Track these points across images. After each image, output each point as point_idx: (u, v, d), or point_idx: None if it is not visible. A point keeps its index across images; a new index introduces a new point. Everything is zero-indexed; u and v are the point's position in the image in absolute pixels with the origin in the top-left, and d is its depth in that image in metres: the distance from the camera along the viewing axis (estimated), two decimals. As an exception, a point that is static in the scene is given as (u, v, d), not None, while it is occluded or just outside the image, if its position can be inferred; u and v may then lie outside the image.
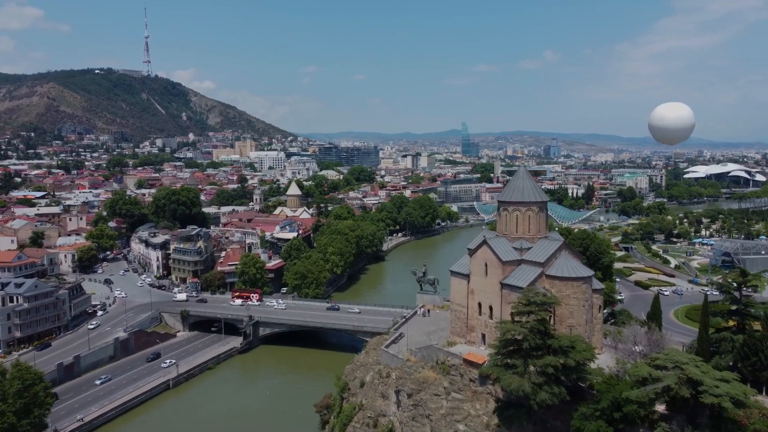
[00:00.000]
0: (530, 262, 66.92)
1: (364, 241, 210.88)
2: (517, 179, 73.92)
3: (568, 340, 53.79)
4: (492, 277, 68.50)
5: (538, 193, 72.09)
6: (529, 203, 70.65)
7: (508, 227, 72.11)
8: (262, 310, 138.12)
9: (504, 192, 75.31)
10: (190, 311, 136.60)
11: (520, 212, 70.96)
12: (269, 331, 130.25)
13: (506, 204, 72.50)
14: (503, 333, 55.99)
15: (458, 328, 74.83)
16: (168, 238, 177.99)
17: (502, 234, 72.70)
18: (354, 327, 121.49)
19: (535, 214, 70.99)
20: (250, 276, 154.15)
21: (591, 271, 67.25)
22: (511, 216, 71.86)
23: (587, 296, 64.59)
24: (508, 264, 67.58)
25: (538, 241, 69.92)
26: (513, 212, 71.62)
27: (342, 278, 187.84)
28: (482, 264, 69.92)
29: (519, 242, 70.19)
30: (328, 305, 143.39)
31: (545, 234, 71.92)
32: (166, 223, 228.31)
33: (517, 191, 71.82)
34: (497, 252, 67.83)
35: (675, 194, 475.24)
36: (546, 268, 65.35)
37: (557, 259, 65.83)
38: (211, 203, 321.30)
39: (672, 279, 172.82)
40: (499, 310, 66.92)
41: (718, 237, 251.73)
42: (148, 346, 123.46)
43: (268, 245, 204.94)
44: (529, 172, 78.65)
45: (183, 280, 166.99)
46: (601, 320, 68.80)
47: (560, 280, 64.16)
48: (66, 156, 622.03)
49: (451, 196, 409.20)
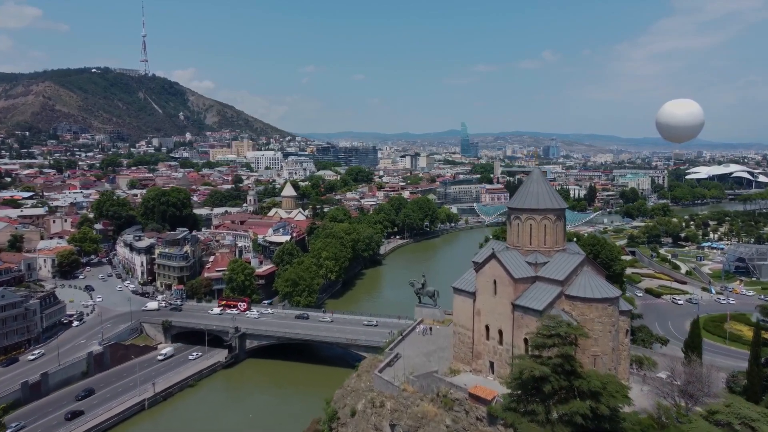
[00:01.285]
0: (547, 280, 58.07)
1: (360, 244, 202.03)
2: (530, 183, 64.69)
3: (598, 379, 44.78)
4: (502, 297, 59.67)
5: (555, 198, 63.09)
6: (544, 211, 61.70)
7: (521, 238, 63.12)
8: (250, 320, 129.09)
9: (515, 197, 66.07)
10: (173, 322, 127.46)
11: (535, 221, 61.98)
12: (256, 344, 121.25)
13: (518, 212, 63.45)
14: (519, 372, 47.01)
15: (462, 353, 65.87)
16: (153, 242, 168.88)
17: (513, 246, 63.77)
18: (347, 340, 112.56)
19: (552, 224, 62.02)
20: (238, 283, 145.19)
21: (618, 291, 58.26)
22: (524, 225, 62.84)
23: (614, 320, 55.74)
24: (521, 282, 58.72)
25: (556, 254, 61.05)
26: (526, 221, 62.56)
27: (337, 284, 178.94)
28: (490, 281, 61.03)
29: (533, 256, 61.30)
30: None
31: (563, 246, 63.03)
32: (155, 225, 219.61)
33: (530, 197, 62.75)
34: (508, 268, 58.95)
35: (678, 195, 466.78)
36: (566, 287, 56.56)
37: (578, 277, 57.02)
38: (204, 204, 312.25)
39: (684, 286, 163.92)
40: (510, 334, 58.10)
41: (727, 241, 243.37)
42: (125, 361, 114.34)
43: (260, 249, 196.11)
44: (544, 174, 69.43)
45: (168, 286, 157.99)
46: (628, 346, 60.04)
47: (583, 301, 55.32)
48: (60, 155, 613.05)
49: (450, 197, 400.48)
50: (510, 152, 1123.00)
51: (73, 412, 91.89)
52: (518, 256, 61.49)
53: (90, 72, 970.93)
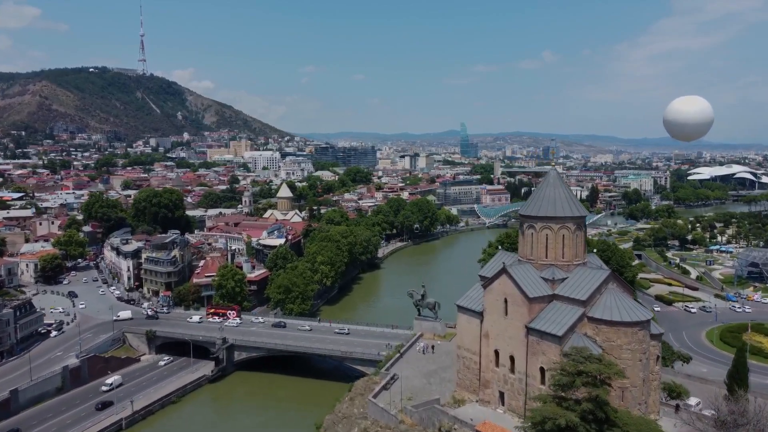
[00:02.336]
0: (566, 299, 50.97)
1: (357, 248, 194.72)
2: (546, 187, 57.28)
3: (636, 428, 37.67)
4: (514, 318, 52.54)
5: (574, 204, 55.93)
6: (563, 219, 54.52)
7: (535, 250, 55.95)
8: (239, 330, 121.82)
9: (529, 203, 58.79)
10: (157, 332, 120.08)
11: (551, 231, 54.79)
12: (245, 356, 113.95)
13: (532, 220, 56.22)
14: (542, 418, 39.77)
15: (468, 380, 58.70)
16: (141, 246, 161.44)
17: (526, 259, 56.62)
18: (342, 353, 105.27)
19: (572, 234, 54.84)
20: (228, 290, 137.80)
21: (649, 313, 51.11)
22: (538, 236, 55.63)
23: (644, 347, 48.64)
24: (537, 301, 51.61)
25: (576, 269, 53.94)
26: (541, 231, 55.33)
27: (332, 290, 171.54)
28: (500, 299, 53.89)
29: (550, 270, 54.18)
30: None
31: (583, 259, 55.85)
32: (146, 227, 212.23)
33: (547, 203, 55.50)
34: (521, 285, 51.81)
35: (681, 197, 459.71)
36: (588, 308, 49.42)
37: (603, 296, 49.91)
38: (198, 205, 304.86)
39: (696, 293, 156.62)
40: (524, 362, 50.94)
41: (735, 244, 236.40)
42: (104, 374, 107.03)
43: (254, 253, 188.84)
44: (560, 176, 62.14)
45: (156, 293, 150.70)
46: (659, 375, 52.83)
47: (609, 325, 48.20)
48: (56, 155, 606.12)
49: (450, 198, 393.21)
50: (510, 152, 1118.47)
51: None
52: (532, 271, 54.34)
53: (87, 71, 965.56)
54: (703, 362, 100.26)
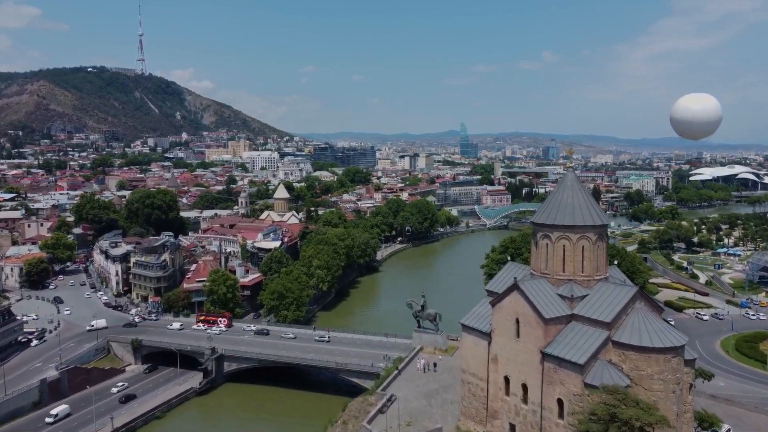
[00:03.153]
0: (587, 320, 45.16)
1: (355, 250, 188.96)
2: (563, 191, 51.13)
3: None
4: (527, 341, 46.72)
5: (595, 212, 49.99)
6: (583, 228, 48.59)
7: (551, 263, 50.03)
8: (230, 339, 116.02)
9: (543, 210, 52.65)
10: (143, 341, 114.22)
11: (570, 242, 48.87)
12: (236, 367, 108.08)
13: (547, 229, 50.30)
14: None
15: (473, 409, 52.86)
16: (130, 249, 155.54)
17: (540, 273, 50.75)
18: (336, 365, 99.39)
19: (592, 245, 48.97)
20: (219, 296, 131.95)
21: (684, 337, 45.22)
22: (554, 247, 49.70)
23: (678, 376, 42.88)
24: (553, 323, 45.79)
25: (597, 285, 48.09)
26: (558, 241, 49.40)
27: (329, 295, 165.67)
28: (511, 319, 48.06)
29: (568, 287, 48.36)
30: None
31: (605, 273, 50.01)
32: (138, 229, 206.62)
33: (564, 210, 49.50)
34: (536, 304, 45.99)
35: (684, 197, 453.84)
36: (613, 331, 43.61)
37: (630, 317, 44.08)
38: (193, 206, 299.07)
39: (706, 298, 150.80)
40: (538, 391, 45.16)
41: (743, 246, 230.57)
42: (86, 387, 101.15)
43: (248, 256, 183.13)
44: (579, 179, 55.82)
45: (145, 298, 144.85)
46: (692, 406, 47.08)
47: (638, 351, 42.36)
48: (53, 155, 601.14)
49: (450, 198, 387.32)
50: (509, 153, 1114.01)
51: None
52: (548, 287, 48.49)
53: (86, 71, 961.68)
54: (720, 376, 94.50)
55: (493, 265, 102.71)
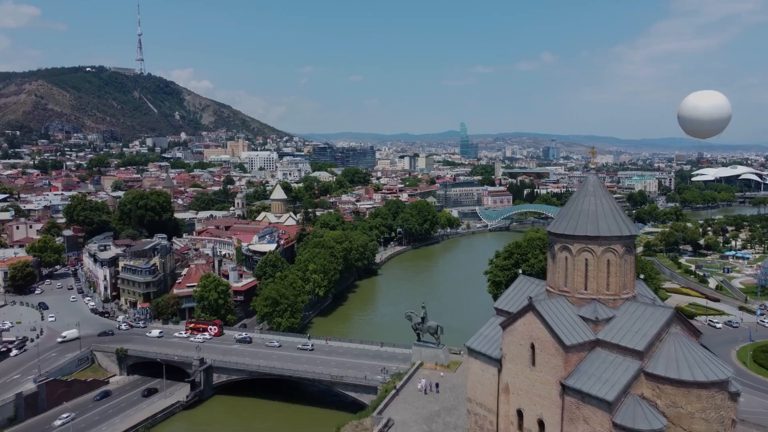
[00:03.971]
0: (615, 348, 39.40)
1: (353, 254, 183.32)
2: (584, 196, 45.14)
3: None
4: (544, 371, 40.98)
5: (622, 220, 44.10)
6: (608, 239, 42.60)
7: (571, 280, 44.02)
8: (220, 349, 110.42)
9: (561, 218, 46.56)
10: (128, 350, 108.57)
11: (593, 255, 43.02)
12: (225, 378, 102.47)
13: (566, 240, 44.38)
14: None
15: (480, 444, 47.19)
16: (119, 253, 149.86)
17: (558, 290, 44.84)
18: (331, 378, 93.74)
19: (619, 259, 43.13)
20: (210, 302, 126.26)
21: (728, 368, 39.52)
22: (575, 261, 43.74)
23: (722, 414, 37.24)
24: (575, 350, 40.02)
25: (624, 305, 42.31)
26: (579, 255, 43.51)
27: (326, 300, 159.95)
28: (526, 344, 42.27)
29: (591, 307, 42.60)
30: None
31: (633, 291, 44.28)
32: (131, 231, 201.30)
33: (586, 218, 43.52)
34: (555, 327, 40.22)
35: (688, 198, 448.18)
36: (646, 361, 37.97)
37: (665, 344, 38.33)
38: (189, 208, 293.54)
39: (717, 304, 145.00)
40: (558, 429, 39.49)
41: (751, 249, 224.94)
42: (66, 400, 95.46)
43: (243, 259, 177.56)
44: (603, 183, 49.88)
45: (133, 304, 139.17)
46: (733, 445, 41.48)
47: (676, 385, 36.54)
48: (50, 155, 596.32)
49: (451, 200, 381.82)
50: (509, 153, 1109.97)
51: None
52: (567, 307, 42.71)
53: (84, 71, 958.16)
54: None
55: (498, 272, 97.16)
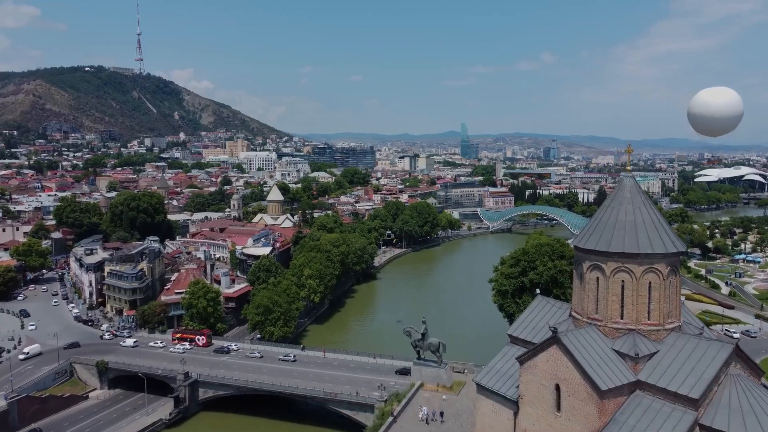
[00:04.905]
0: (661, 392, 32.69)
1: (351, 257, 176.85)
2: (619, 205, 38.13)
3: None
4: (573, 419, 34.21)
5: (666, 234, 37.20)
6: (650, 258, 35.69)
7: (604, 306, 36.91)
8: (207, 361, 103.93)
9: (590, 231, 39.42)
10: (109, 363, 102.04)
11: (631, 276, 36.28)
12: (212, 394, 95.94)
13: (598, 257, 37.58)
14: None
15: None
16: (106, 257, 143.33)
17: (587, 318, 37.86)
18: (325, 394, 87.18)
19: (663, 281, 36.34)
20: (198, 310, 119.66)
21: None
22: (609, 283, 36.70)
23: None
24: (612, 395, 33.26)
25: (669, 337, 35.53)
26: (614, 276, 36.66)
27: (322, 306, 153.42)
28: (549, 385, 35.61)
29: (629, 340, 35.83)
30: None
31: (678, 320, 37.53)
32: (122, 234, 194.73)
33: (623, 231, 36.44)
34: (587, 367, 33.45)
35: (692, 200, 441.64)
36: (702, 411, 31.38)
37: (723, 388, 31.74)
38: (184, 209, 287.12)
39: (731, 312, 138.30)
40: (587, 491, 32.97)
41: (762, 253, 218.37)
42: (41, 417, 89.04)
43: (237, 263, 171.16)
44: (641, 188, 43.23)
45: (120, 311, 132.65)
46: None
47: (740, 444, 30.07)
48: (47, 155, 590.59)
49: (451, 201, 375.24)
50: (510, 153, 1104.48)
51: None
52: (600, 340, 35.95)
53: (83, 71, 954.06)
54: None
55: (503, 280, 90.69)
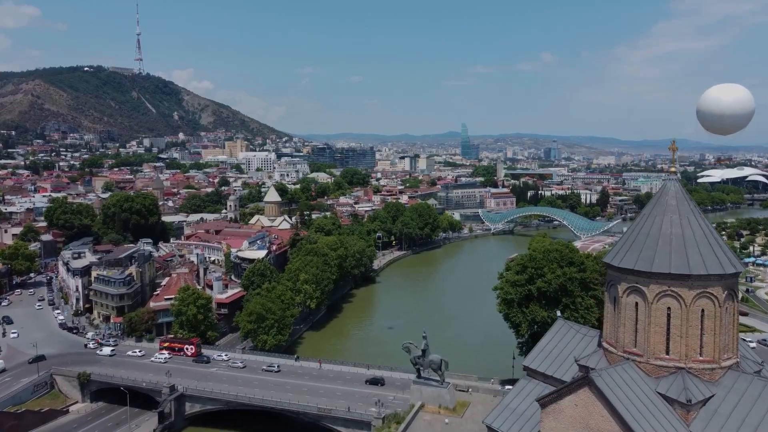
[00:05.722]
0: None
1: (349, 260, 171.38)
2: (662, 212, 31.97)
3: None
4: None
5: (721, 250, 30.95)
6: (703, 280, 29.51)
7: (644, 338, 31.06)
8: (195, 372, 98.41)
9: (627, 245, 33.39)
10: (91, 375, 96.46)
11: (680, 302, 30.15)
12: (199, 408, 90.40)
13: (637, 279, 31.30)
14: None
15: None
16: (94, 261, 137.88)
17: (622, 352, 31.41)
18: (318, 410, 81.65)
19: (718, 308, 30.34)
20: (188, 317, 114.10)
21: None
22: (652, 311, 30.51)
23: None
24: (657, 452, 27.85)
25: (726, 377, 29.41)
26: (658, 301, 30.42)
27: (318, 312, 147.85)
28: None
29: (676, 381, 29.71)
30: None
31: (736, 356, 31.71)
32: (114, 236, 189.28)
33: (668, 247, 29.91)
34: (626, 416, 27.63)
35: (696, 201, 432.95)
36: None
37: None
38: (180, 210, 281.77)
39: (745, 319, 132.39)
40: None
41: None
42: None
43: (232, 267, 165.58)
44: (688, 195, 37.33)
45: (107, 318, 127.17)
46: None
47: None
48: (44, 155, 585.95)
49: (452, 202, 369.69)
50: (510, 154, 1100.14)
51: None
52: (641, 381, 30.01)
53: (82, 70, 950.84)
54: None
55: (509, 288, 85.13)
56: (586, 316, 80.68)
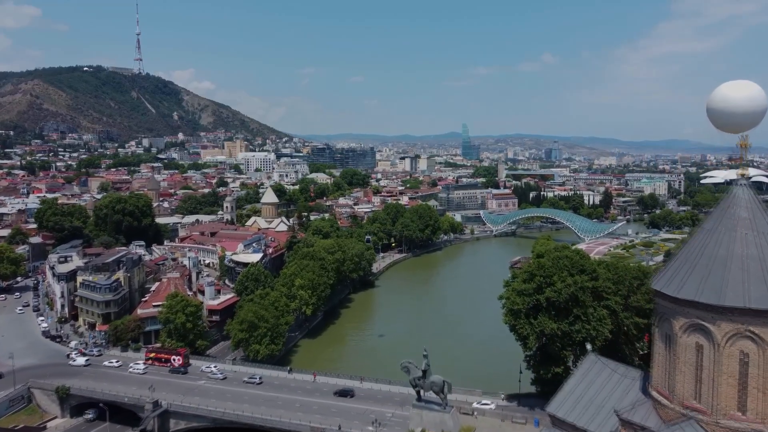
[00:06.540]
0: None
1: (347, 264, 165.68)
2: (731, 227, 24.49)
3: None
4: None
5: None
6: None
7: (709, 390, 23.66)
8: (181, 386, 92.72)
9: (683, 269, 27.19)
10: (71, 388, 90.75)
11: (758, 345, 23.85)
12: (184, 426, 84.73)
13: (699, 313, 24.28)
14: None
15: None
16: (80, 265, 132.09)
17: (680, 406, 23.99)
18: (311, 429, 75.93)
19: None
20: (177, 325, 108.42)
21: None
22: (720, 356, 22.12)
23: None
24: None
25: None
26: (730, 344, 23.40)
27: (315, 318, 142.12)
28: None
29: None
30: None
31: None
32: (106, 238, 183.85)
33: (744, 274, 21.17)
34: None
35: (701, 202, 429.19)
36: None
37: None
38: (176, 211, 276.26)
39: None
40: None
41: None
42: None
43: (226, 271, 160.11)
44: (763, 203, 31.47)
45: (92, 326, 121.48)
46: None
47: None
48: (42, 156, 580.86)
49: (453, 203, 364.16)
50: (511, 154, 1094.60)
51: None
52: None
53: (81, 70, 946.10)
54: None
55: (515, 297, 79.31)
56: (599, 329, 75.03)
